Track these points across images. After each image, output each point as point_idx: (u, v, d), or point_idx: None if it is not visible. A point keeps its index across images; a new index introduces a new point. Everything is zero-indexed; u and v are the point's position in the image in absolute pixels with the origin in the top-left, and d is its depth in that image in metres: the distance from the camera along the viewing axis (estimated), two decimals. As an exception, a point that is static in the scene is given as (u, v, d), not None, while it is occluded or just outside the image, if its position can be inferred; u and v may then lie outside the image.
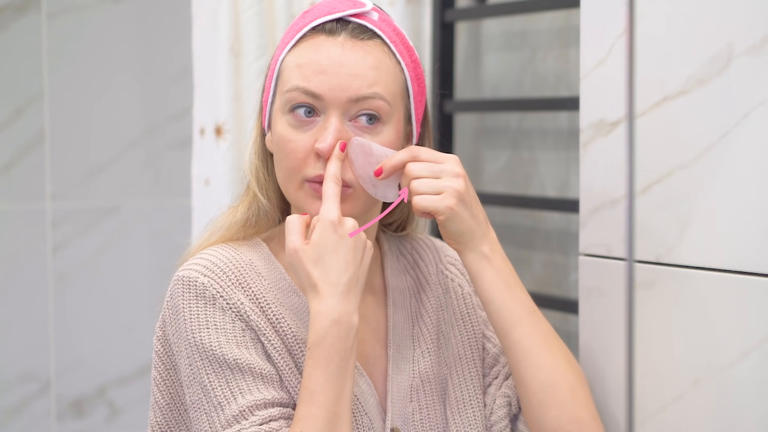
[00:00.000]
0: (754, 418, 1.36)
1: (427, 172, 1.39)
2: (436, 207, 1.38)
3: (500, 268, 1.42)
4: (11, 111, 2.78)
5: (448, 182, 1.38)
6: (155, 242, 2.90)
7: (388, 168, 1.39)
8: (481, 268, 1.41)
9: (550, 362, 1.42)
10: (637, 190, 1.45)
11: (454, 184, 1.38)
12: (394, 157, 1.39)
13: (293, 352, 1.39)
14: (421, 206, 1.38)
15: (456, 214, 1.38)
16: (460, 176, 1.39)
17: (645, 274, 1.46)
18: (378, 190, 1.40)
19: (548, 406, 1.41)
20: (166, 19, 2.86)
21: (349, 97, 1.37)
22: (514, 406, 1.47)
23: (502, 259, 1.43)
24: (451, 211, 1.38)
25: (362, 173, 1.39)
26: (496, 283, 1.41)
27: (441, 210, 1.38)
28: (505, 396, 1.48)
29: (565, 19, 2.12)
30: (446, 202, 1.38)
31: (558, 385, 1.41)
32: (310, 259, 1.33)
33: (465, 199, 1.39)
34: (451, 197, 1.38)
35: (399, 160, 1.39)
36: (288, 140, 1.39)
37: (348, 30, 1.40)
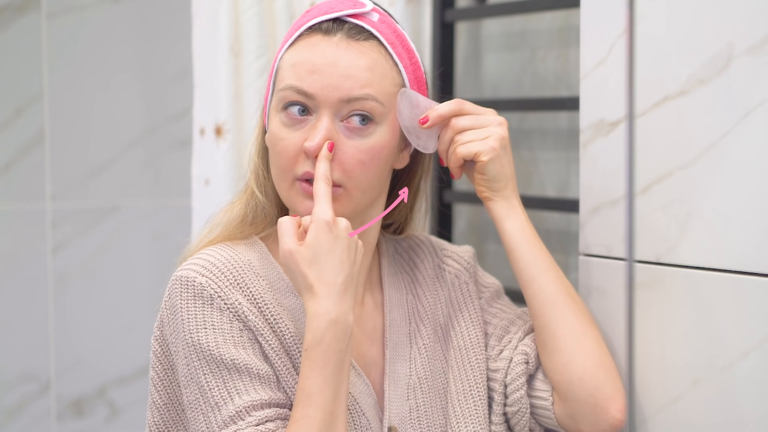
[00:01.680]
0: (755, 418, 1.36)
1: (472, 124, 1.45)
2: (481, 148, 1.43)
3: (526, 220, 1.48)
4: (11, 111, 2.78)
5: (493, 129, 1.45)
6: (155, 242, 2.90)
7: (434, 118, 1.44)
8: (511, 216, 1.47)
9: (576, 310, 1.45)
10: (637, 190, 1.45)
11: (499, 130, 1.45)
12: (439, 108, 1.45)
13: (291, 353, 1.39)
14: (464, 152, 1.44)
15: (498, 157, 1.44)
16: (504, 124, 1.46)
17: (645, 274, 1.46)
18: (420, 140, 1.45)
19: (577, 350, 1.43)
20: (166, 19, 2.86)
21: (341, 97, 1.38)
22: (531, 364, 1.47)
23: (526, 215, 1.49)
24: (494, 152, 1.44)
25: (408, 123, 1.43)
26: (524, 232, 1.47)
27: (485, 151, 1.43)
28: (522, 353, 1.47)
29: (565, 19, 2.12)
30: (491, 144, 1.44)
31: (585, 331, 1.44)
32: (305, 260, 1.33)
33: (506, 146, 1.46)
34: (495, 140, 1.44)
35: (446, 111, 1.45)
36: (280, 138, 1.40)
37: (344, 30, 1.40)
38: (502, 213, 1.46)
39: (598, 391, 1.41)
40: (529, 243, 1.46)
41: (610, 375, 1.43)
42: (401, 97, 1.42)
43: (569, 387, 1.43)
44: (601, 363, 1.43)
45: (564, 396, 1.44)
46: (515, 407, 1.46)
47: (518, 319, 1.51)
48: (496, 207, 1.47)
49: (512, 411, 1.46)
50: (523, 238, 1.46)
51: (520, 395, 1.46)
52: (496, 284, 1.56)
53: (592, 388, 1.42)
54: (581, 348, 1.43)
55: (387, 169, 1.43)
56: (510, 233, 1.46)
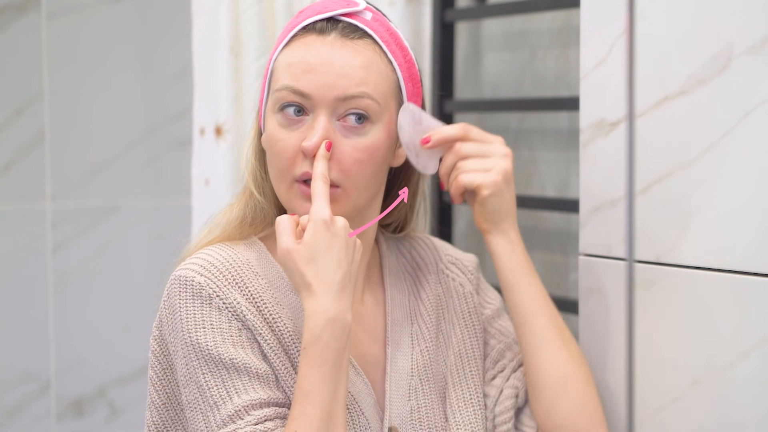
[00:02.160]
0: (754, 418, 1.36)
1: (476, 151, 1.44)
2: (483, 181, 1.42)
3: (524, 256, 1.46)
4: (11, 111, 2.78)
5: (497, 161, 1.43)
6: (155, 242, 2.90)
7: (436, 140, 1.43)
8: (508, 251, 1.45)
9: (566, 354, 1.44)
10: (637, 190, 1.45)
11: (503, 163, 1.43)
12: (444, 131, 1.43)
13: (289, 352, 1.39)
14: (466, 182, 1.42)
15: (500, 191, 1.43)
16: (508, 156, 1.44)
17: (645, 274, 1.46)
18: (420, 159, 1.43)
19: (561, 397, 1.43)
20: (166, 19, 2.86)
21: (337, 96, 1.38)
22: (520, 398, 1.48)
23: (524, 250, 1.47)
24: (496, 187, 1.42)
25: (408, 140, 1.41)
26: (521, 269, 1.45)
27: (487, 184, 1.42)
28: (513, 387, 1.48)
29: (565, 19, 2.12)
30: (493, 178, 1.42)
31: (572, 377, 1.44)
32: (303, 258, 1.33)
33: (509, 180, 1.44)
34: (498, 174, 1.42)
35: (449, 135, 1.43)
36: (277, 139, 1.40)
37: (338, 29, 1.40)
38: (500, 248, 1.46)
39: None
40: (524, 282, 1.45)
41: (594, 421, 1.44)
42: (403, 112, 1.41)
43: (552, 430, 1.45)
44: (585, 409, 1.44)
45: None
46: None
47: (515, 344, 1.52)
48: (494, 241, 1.46)
49: None
50: (519, 277, 1.45)
51: (508, 428, 1.47)
52: (498, 300, 1.56)
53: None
54: (566, 394, 1.44)
55: (384, 168, 1.43)
56: (505, 270, 1.46)
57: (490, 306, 1.54)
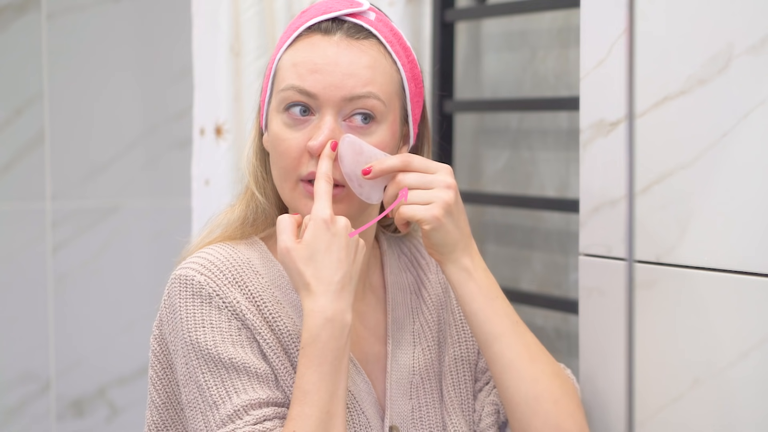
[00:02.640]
0: (754, 418, 1.36)
1: (417, 183, 1.38)
2: (423, 216, 1.37)
3: (481, 281, 1.41)
4: (11, 111, 2.78)
5: (438, 193, 1.38)
6: (155, 242, 2.90)
7: (377, 171, 1.38)
8: (461, 280, 1.41)
9: (533, 374, 1.40)
10: (637, 190, 1.45)
11: (444, 195, 1.38)
12: (385, 162, 1.39)
13: (289, 351, 1.39)
14: (407, 215, 1.38)
15: (442, 225, 1.38)
16: (451, 188, 1.38)
17: (645, 274, 1.46)
18: (363, 190, 1.40)
19: (531, 418, 1.40)
20: (166, 19, 2.86)
21: (344, 96, 1.37)
22: (502, 414, 1.47)
23: (483, 271, 1.42)
24: (437, 222, 1.37)
25: (350, 171, 1.38)
26: (477, 296, 1.41)
27: (428, 219, 1.37)
28: (493, 404, 1.47)
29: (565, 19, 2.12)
30: (433, 212, 1.37)
31: (541, 397, 1.40)
32: (302, 258, 1.33)
33: (452, 211, 1.38)
34: (439, 208, 1.37)
35: (390, 166, 1.39)
36: (282, 139, 1.40)
37: (343, 29, 1.40)
38: (453, 278, 1.41)
39: None
40: (484, 307, 1.41)
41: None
42: (344, 142, 1.37)
43: None
44: (558, 428, 1.41)
45: None
46: None
47: None
48: (447, 271, 1.41)
49: None
50: (477, 304, 1.41)
51: None
52: None
53: None
54: (536, 414, 1.40)
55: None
56: (462, 299, 1.41)
57: None
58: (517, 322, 1.42)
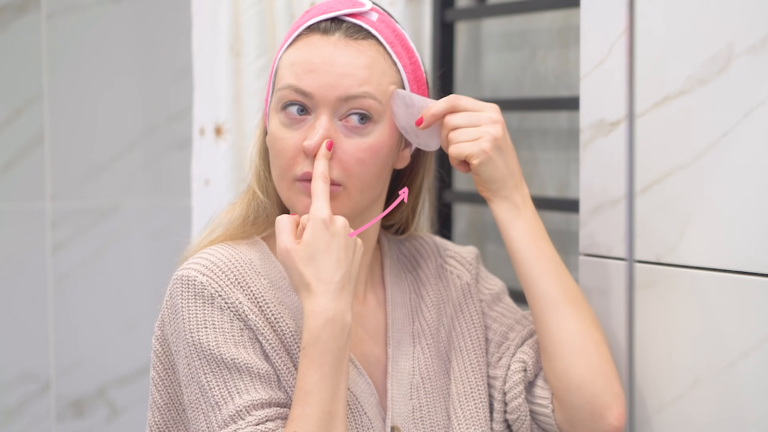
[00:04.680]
0: (755, 418, 1.36)
1: (465, 122, 1.42)
2: (471, 151, 1.40)
3: (530, 219, 1.44)
4: (11, 111, 2.78)
5: (485, 128, 1.41)
6: (155, 242, 2.90)
7: (428, 117, 1.42)
8: (510, 217, 1.43)
9: (578, 314, 1.42)
10: (637, 190, 1.45)
11: (491, 129, 1.41)
12: (433, 107, 1.42)
13: (291, 352, 1.39)
14: (456, 153, 1.41)
15: (490, 159, 1.40)
16: (498, 123, 1.42)
17: (645, 274, 1.46)
18: (420, 139, 1.43)
19: (576, 356, 1.41)
20: (166, 19, 2.86)
21: (339, 95, 1.38)
22: (530, 371, 1.46)
23: (532, 211, 1.44)
24: (485, 155, 1.40)
25: (404, 123, 1.42)
26: (525, 233, 1.43)
27: (475, 153, 1.40)
28: (520, 361, 1.46)
29: (565, 19, 2.12)
30: (481, 146, 1.40)
31: (585, 336, 1.42)
32: (302, 258, 1.33)
33: (501, 146, 1.41)
34: (486, 142, 1.40)
35: (439, 110, 1.42)
36: (279, 138, 1.40)
37: (342, 29, 1.40)
38: (502, 215, 1.44)
39: (596, 398, 1.41)
40: (531, 245, 1.43)
41: (609, 382, 1.41)
42: (395, 98, 1.41)
43: (567, 394, 1.42)
44: (600, 370, 1.41)
45: (563, 402, 1.43)
46: (515, 414, 1.46)
47: (517, 324, 1.50)
48: (496, 208, 1.44)
49: (512, 418, 1.46)
50: (524, 242, 1.43)
51: (519, 403, 1.45)
52: (498, 286, 1.55)
53: (590, 396, 1.41)
54: (580, 355, 1.41)
55: (387, 169, 1.43)
56: (509, 236, 1.43)
57: (490, 291, 1.54)
58: (561, 265, 1.44)
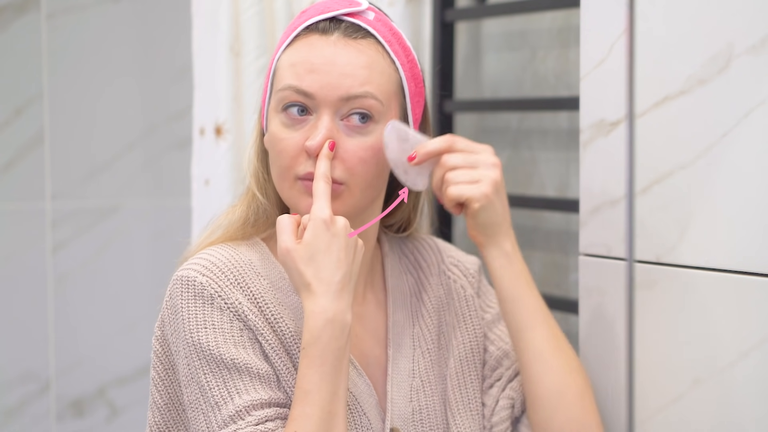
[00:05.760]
0: (755, 418, 1.36)
1: (463, 162, 1.40)
2: (473, 194, 1.39)
3: (520, 268, 1.43)
4: (11, 111, 2.78)
5: (485, 171, 1.40)
6: (155, 242, 2.90)
7: (422, 155, 1.40)
8: (503, 264, 1.43)
9: (561, 366, 1.42)
10: (637, 190, 1.45)
11: (491, 173, 1.40)
12: (429, 145, 1.40)
13: (291, 352, 1.39)
14: (456, 195, 1.39)
15: (491, 203, 1.40)
16: (497, 166, 1.41)
17: (645, 274, 1.46)
18: (409, 176, 1.41)
19: (556, 410, 1.41)
20: (166, 19, 2.86)
21: (340, 95, 1.38)
22: (517, 408, 1.47)
23: (521, 259, 1.44)
24: (487, 199, 1.39)
25: (395, 157, 1.39)
26: (517, 281, 1.43)
27: (477, 197, 1.39)
28: (509, 398, 1.47)
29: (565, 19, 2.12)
30: (483, 190, 1.39)
31: (568, 390, 1.42)
32: (302, 258, 1.33)
33: (499, 190, 1.41)
34: (488, 185, 1.39)
35: (435, 148, 1.41)
36: (280, 139, 1.40)
37: (341, 29, 1.40)
38: (496, 262, 1.43)
39: None
40: (521, 295, 1.43)
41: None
42: (389, 130, 1.39)
43: None
44: (582, 422, 1.42)
45: None
46: None
47: (513, 352, 1.50)
48: (489, 255, 1.43)
49: None
50: (515, 290, 1.43)
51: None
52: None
53: None
54: (561, 408, 1.42)
55: (387, 168, 1.43)
56: (502, 284, 1.43)
57: (491, 310, 1.54)
58: (548, 313, 1.44)
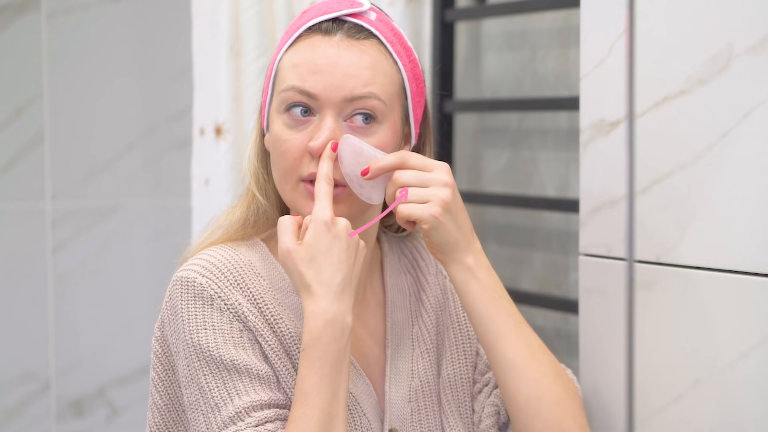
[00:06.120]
0: (755, 418, 1.36)
1: (414, 180, 1.37)
2: (421, 215, 1.36)
3: (485, 280, 1.40)
4: (11, 111, 2.78)
5: (435, 191, 1.36)
6: (155, 242, 2.90)
7: (375, 170, 1.38)
8: (465, 280, 1.39)
9: (535, 374, 1.40)
10: (637, 190, 1.45)
11: (441, 193, 1.36)
12: (381, 160, 1.38)
13: (291, 353, 1.39)
14: (405, 214, 1.36)
15: (441, 224, 1.36)
16: (449, 186, 1.37)
17: (645, 274, 1.46)
18: (364, 190, 1.39)
19: (533, 419, 1.40)
20: (166, 19, 2.86)
21: (344, 96, 1.37)
22: (502, 415, 1.46)
23: (486, 270, 1.40)
24: (435, 221, 1.36)
25: (350, 171, 1.38)
26: (481, 295, 1.39)
27: (425, 218, 1.35)
28: (493, 405, 1.47)
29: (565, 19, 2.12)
30: (431, 211, 1.35)
31: (543, 397, 1.40)
32: (303, 259, 1.32)
33: (451, 209, 1.37)
34: (436, 206, 1.35)
35: (386, 164, 1.38)
36: (283, 140, 1.39)
37: (344, 30, 1.40)
38: (456, 278, 1.40)
39: None
40: (486, 308, 1.39)
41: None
42: (344, 143, 1.37)
43: None
44: (560, 428, 1.40)
45: None
46: None
47: None
48: (450, 271, 1.40)
49: None
50: (480, 304, 1.39)
51: None
52: None
53: None
54: (537, 416, 1.40)
55: (389, 168, 1.43)
56: (465, 301, 1.40)
57: None
58: (520, 321, 1.41)
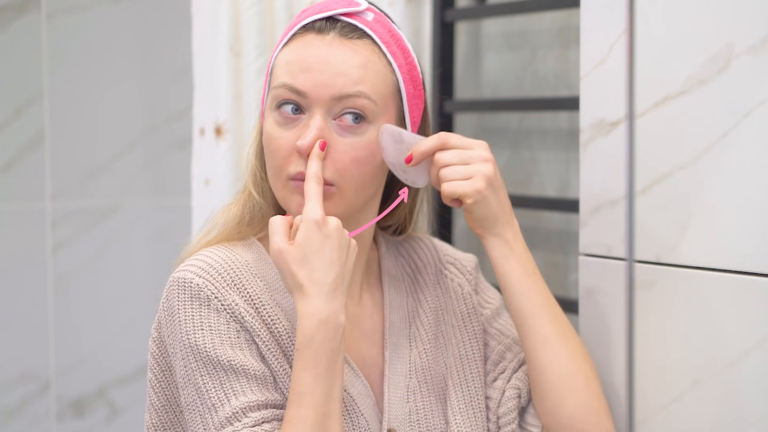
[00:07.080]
0: (755, 418, 1.36)
1: (455, 159, 1.41)
2: (465, 191, 1.40)
3: (522, 256, 1.44)
4: (11, 111, 2.78)
5: (477, 167, 1.40)
6: (155, 242, 2.90)
7: (418, 155, 1.41)
8: (503, 254, 1.43)
9: (567, 351, 1.43)
10: (637, 190, 1.45)
11: (484, 168, 1.40)
12: (422, 145, 1.41)
13: (288, 354, 1.39)
14: (449, 192, 1.40)
15: (484, 198, 1.40)
16: (489, 161, 1.41)
17: (645, 274, 1.46)
18: (409, 176, 1.43)
19: (565, 395, 1.42)
20: (166, 19, 2.86)
21: (333, 95, 1.37)
22: (523, 398, 1.47)
23: (523, 247, 1.45)
24: (479, 195, 1.40)
25: (393, 160, 1.41)
26: (518, 270, 1.43)
27: (470, 193, 1.40)
28: (515, 388, 1.47)
29: (565, 19, 2.12)
30: (475, 185, 1.40)
31: (575, 374, 1.42)
32: (295, 259, 1.33)
33: (494, 184, 1.41)
34: (480, 181, 1.40)
35: (428, 147, 1.42)
36: (273, 138, 1.40)
37: (337, 29, 1.40)
38: (495, 252, 1.44)
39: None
40: (523, 283, 1.43)
41: (599, 419, 1.43)
42: (384, 133, 1.40)
43: (558, 429, 1.43)
44: (590, 407, 1.42)
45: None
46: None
47: (515, 345, 1.51)
48: (489, 245, 1.44)
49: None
50: (517, 279, 1.43)
51: (512, 429, 1.46)
52: (497, 300, 1.55)
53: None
54: (569, 393, 1.42)
55: (382, 169, 1.43)
56: (502, 273, 1.44)
57: (489, 306, 1.54)
58: (553, 301, 1.45)
